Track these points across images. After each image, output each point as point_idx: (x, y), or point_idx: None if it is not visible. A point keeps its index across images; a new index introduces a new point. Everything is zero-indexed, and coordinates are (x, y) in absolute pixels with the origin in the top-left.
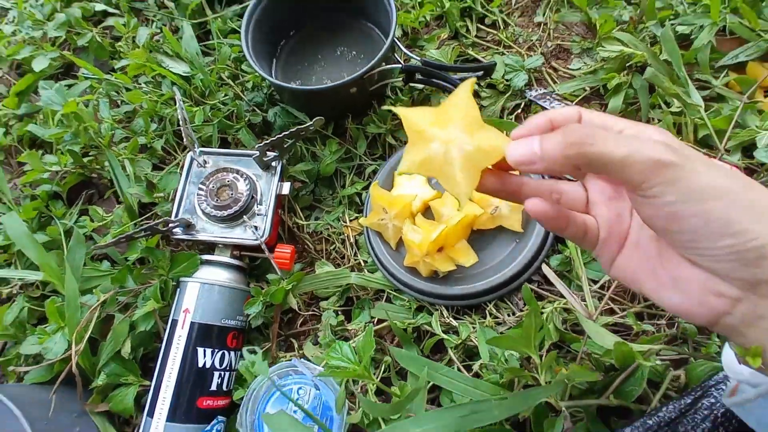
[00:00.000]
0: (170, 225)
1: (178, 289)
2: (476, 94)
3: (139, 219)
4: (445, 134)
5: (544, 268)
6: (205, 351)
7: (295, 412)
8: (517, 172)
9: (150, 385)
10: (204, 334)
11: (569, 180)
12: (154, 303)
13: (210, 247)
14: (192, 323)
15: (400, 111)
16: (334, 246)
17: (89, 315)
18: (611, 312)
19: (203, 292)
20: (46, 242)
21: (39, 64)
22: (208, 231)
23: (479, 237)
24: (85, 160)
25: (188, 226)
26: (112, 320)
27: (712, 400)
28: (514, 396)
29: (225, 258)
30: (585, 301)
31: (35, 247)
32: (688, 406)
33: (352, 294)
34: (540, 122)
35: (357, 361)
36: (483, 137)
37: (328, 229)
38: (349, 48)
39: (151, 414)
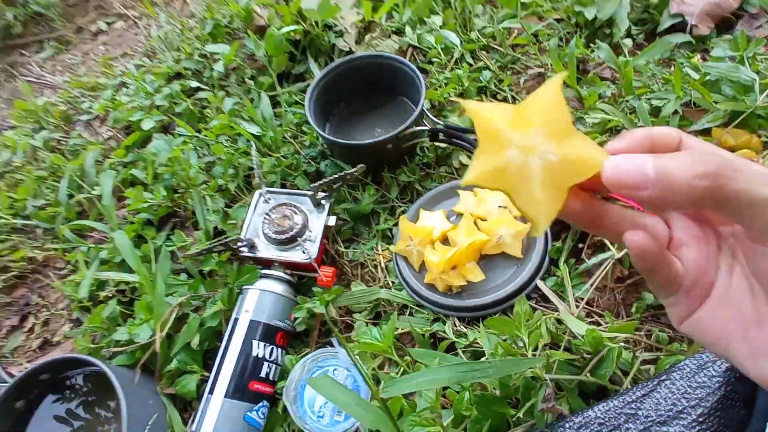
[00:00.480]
0: (239, 243)
1: (241, 295)
2: None
3: (214, 241)
4: (526, 139)
5: (540, 284)
6: (258, 344)
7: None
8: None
9: (210, 373)
10: (259, 330)
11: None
12: (221, 305)
13: (267, 264)
14: (251, 321)
15: (471, 106)
16: (367, 270)
17: (169, 313)
18: (596, 324)
19: (261, 298)
20: (140, 257)
21: (147, 125)
22: (267, 251)
23: (486, 260)
24: (175, 196)
25: (252, 246)
26: (186, 319)
27: (674, 377)
28: (506, 361)
29: (279, 273)
30: (570, 308)
31: (134, 257)
32: (654, 387)
33: (380, 309)
34: (639, 137)
35: (382, 341)
36: (573, 147)
37: (363, 255)
38: (387, 114)
39: (211, 392)
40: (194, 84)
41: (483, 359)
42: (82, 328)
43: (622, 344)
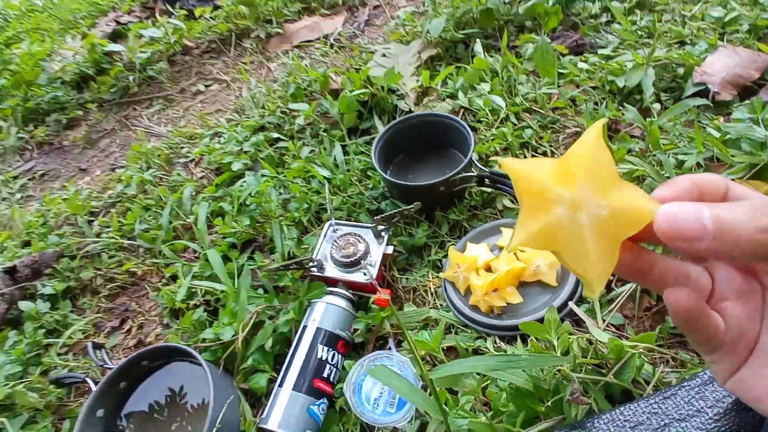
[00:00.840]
0: (311, 263)
1: (309, 307)
2: None
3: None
4: (572, 195)
5: (572, 306)
6: (323, 348)
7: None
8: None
9: (278, 373)
10: (324, 337)
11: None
12: (293, 314)
13: (332, 283)
14: (317, 328)
15: (510, 164)
16: (418, 294)
17: (249, 318)
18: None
19: (327, 310)
20: (226, 272)
21: (236, 166)
22: (333, 272)
23: (524, 286)
24: (256, 225)
25: (321, 267)
26: (261, 326)
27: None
28: (537, 356)
29: (343, 291)
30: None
31: (223, 271)
32: (674, 391)
33: (429, 328)
34: (686, 184)
35: (432, 341)
36: (622, 197)
37: (415, 281)
38: (439, 164)
39: (281, 385)
40: (275, 135)
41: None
42: (173, 329)
43: (645, 358)
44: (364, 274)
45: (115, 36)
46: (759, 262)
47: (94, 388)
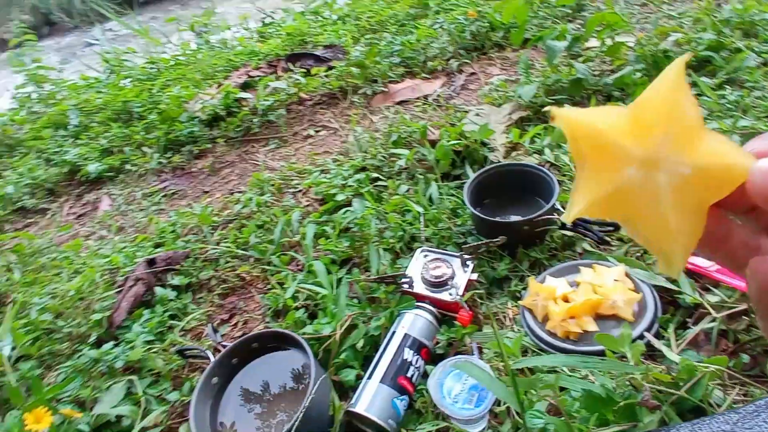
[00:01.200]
0: (404, 279)
1: (399, 317)
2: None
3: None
4: (646, 150)
5: (647, 335)
6: (408, 351)
7: (466, 379)
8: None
9: (367, 369)
10: (410, 341)
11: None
12: (384, 321)
13: (420, 299)
14: (405, 334)
15: (566, 115)
16: (498, 319)
17: (345, 318)
18: None
19: (414, 320)
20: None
21: (340, 197)
22: (422, 290)
23: (601, 319)
24: (355, 245)
25: (411, 284)
26: (353, 329)
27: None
28: (612, 362)
29: (429, 307)
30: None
31: (326, 278)
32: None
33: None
34: None
35: (512, 345)
36: (708, 153)
37: (494, 308)
38: (524, 209)
39: (369, 377)
40: (375, 175)
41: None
42: (277, 324)
43: (716, 384)
44: (450, 294)
45: (245, 86)
46: None
47: (212, 359)
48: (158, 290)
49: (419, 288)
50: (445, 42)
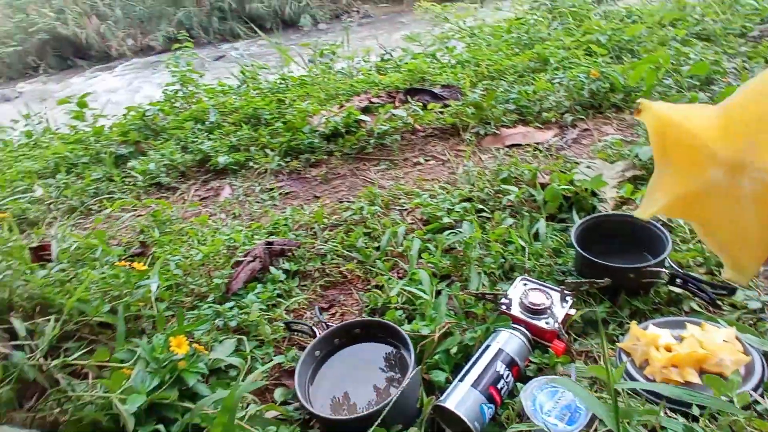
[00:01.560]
0: (503, 299)
1: (494, 333)
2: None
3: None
4: (734, 154)
5: (754, 394)
6: (501, 365)
7: (559, 398)
8: None
9: (456, 375)
10: (503, 356)
11: None
12: (480, 333)
13: (516, 321)
14: (500, 348)
15: (655, 108)
16: (590, 357)
17: (442, 325)
18: None
19: (509, 338)
20: None
21: (445, 220)
22: (519, 313)
23: (705, 373)
24: (456, 264)
25: (509, 306)
26: (449, 336)
27: None
28: (720, 401)
29: (524, 330)
30: None
31: (428, 285)
32: None
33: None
34: None
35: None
36: None
37: (589, 346)
38: (630, 260)
39: (461, 380)
40: (480, 206)
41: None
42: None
43: None
44: (547, 323)
45: (365, 110)
46: None
47: (318, 334)
48: (272, 270)
49: (516, 311)
50: (562, 96)
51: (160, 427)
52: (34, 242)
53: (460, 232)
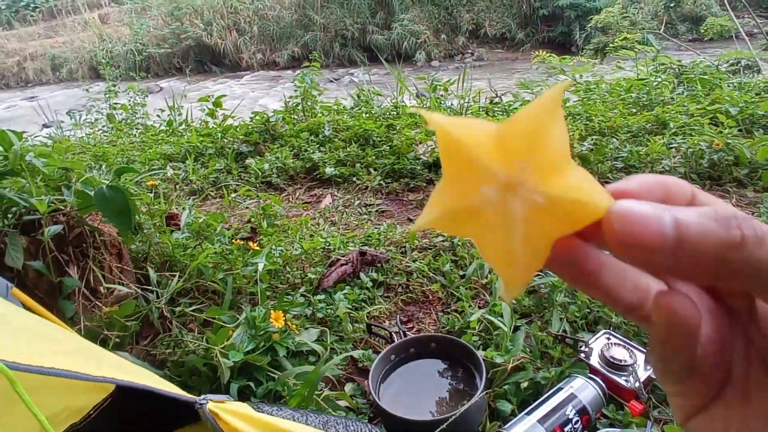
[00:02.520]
0: (583, 347)
1: (568, 378)
2: None
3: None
4: (507, 173)
5: None
6: (571, 409)
7: None
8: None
9: (520, 410)
10: (575, 402)
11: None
12: (554, 374)
13: (593, 372)
14: (573, 394)
15: (436, 121)
16: (666, 424)
17: (517, 358)
18: None
19: (584, 385)
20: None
21: None
22: (597, 363)
23: None
24: (540, 306)
25: (588, 356)
26: (521, 370)
27: None
28: None
29: (600, 382)
30: None
31: (510, 319)
32: None
33: None
34: (651, 182)
35: None
36: (567, 186)
37: (667, 415)
38: None
39: (528, 413)
40: None
41: None
42: None
43: None
44: (626, 381)
45: None
46: (719, 282)
47: (396, 340)
48: (361, 276)
49: (595, 362)
50: (678, 162)
51: (251, 383)
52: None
53: (548, 274)
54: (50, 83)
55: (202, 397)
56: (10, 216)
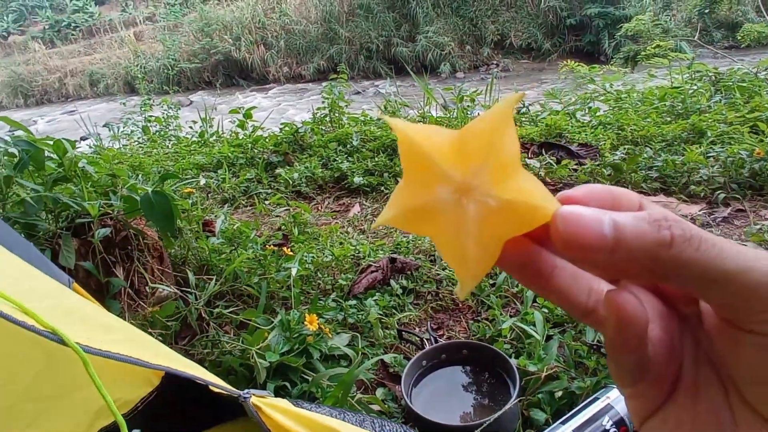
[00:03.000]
0: None
1: (605, 389)
2: None
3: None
4: (462, 176)
5: None
6: (608, 420)
7: None
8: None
9: (559, 418)
10: (611, 413)
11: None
12: (590, 384)
13: None
14: (609, 404)
15: (397, 126)
16: None
17: (550, 366)
18: None
19: (617, 397)
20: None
21: None
22: None
23: None
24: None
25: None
26: (554, 379)
27: None
28: None
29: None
30: None
31: (542, 328)
32: None
33: None
34: (600, 191)
35: None
36: (518, 190)
37: None
38: None
39: (563, 423)
40: None
41: None
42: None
43: None
44: None
45: None
46: (658, 281)
47: (427, 346)
48: (392, 283)
49: None
50: (716, 172)
51: (287, 384)
52: (201, 218)
53: None
54: (88, 98)
55: (246, 390)
56: (62, 219)
